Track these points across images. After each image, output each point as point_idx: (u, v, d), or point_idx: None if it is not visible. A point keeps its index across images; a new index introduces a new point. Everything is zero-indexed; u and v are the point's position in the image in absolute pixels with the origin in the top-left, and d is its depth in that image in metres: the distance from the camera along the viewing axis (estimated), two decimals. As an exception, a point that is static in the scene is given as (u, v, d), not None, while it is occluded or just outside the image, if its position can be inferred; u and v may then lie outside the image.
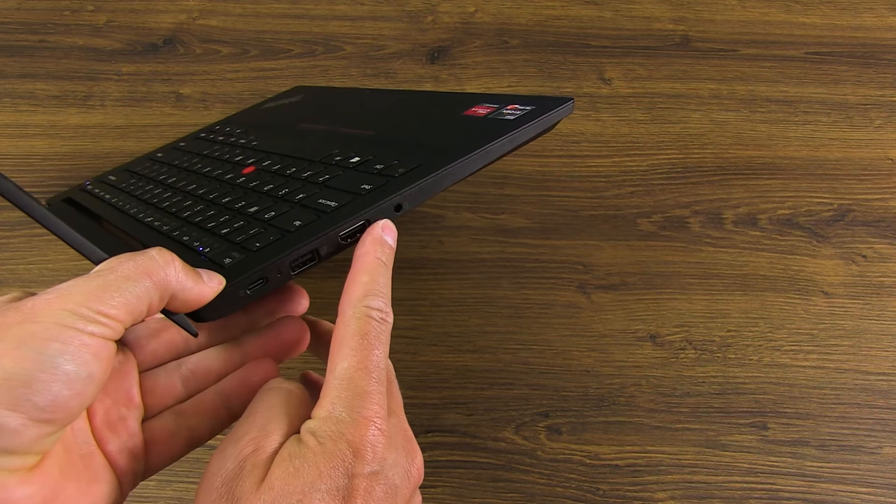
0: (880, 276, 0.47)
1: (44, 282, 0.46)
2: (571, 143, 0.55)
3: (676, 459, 0.38)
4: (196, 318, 0.25)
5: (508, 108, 0.33)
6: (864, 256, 0.48)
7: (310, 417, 0.23)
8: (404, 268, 0.47)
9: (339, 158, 0.33)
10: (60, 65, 0.60)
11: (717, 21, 0.65)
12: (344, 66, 0.60)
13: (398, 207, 0.28)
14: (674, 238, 0.48)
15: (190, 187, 0.37)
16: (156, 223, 0.34)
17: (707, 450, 0.39)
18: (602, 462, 0.38)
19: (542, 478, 0.39)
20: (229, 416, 0.27)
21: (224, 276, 0.25)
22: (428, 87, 0.58)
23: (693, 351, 0.43)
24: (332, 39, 0.63)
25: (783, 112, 0.57)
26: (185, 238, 0.30)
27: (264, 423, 0.23)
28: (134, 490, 0.37)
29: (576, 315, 0.44)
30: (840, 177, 0.52)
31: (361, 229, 0.27)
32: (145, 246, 0.28)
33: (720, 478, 0.38)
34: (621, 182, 0.52)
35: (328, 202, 0.28)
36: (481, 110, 0.34)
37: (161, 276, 0.22)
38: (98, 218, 0.39)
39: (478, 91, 0.58)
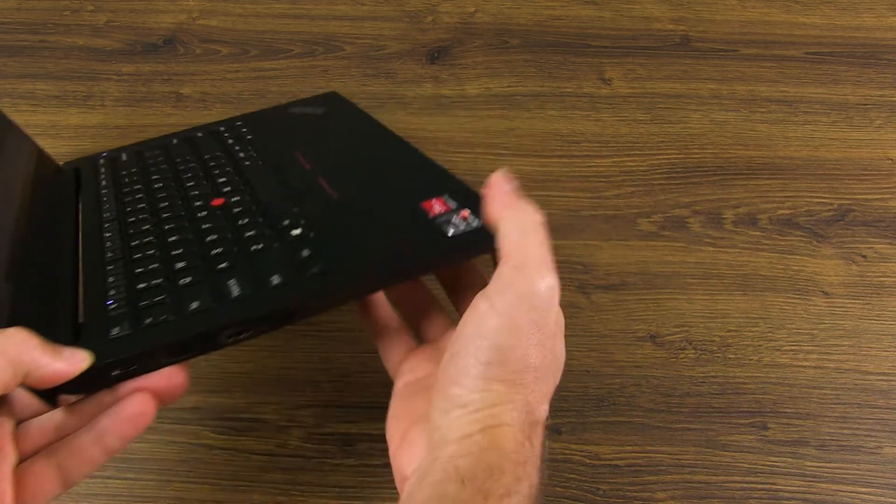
0: (880, 276, 0.46)
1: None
2: (571, 143, 0.55)
3: (676, 459, 0.38)
4: (56, 390, 0.25)
5: (462, 214, 0.32)
6: (864, 256, 0.48)
7: None
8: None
9: (286, 223, 0.34)
10: (60, 65, 0.60)
11: (717, 21, 0.65)
12: (344, 66, 0.60)
13: (288, 315, 0.29)
14: (674, 238, 0.48)
15: (161, 205, 0.37)
16: (107, 244, 0.35)
17: (707, 450, 0.39)
18: (602, 462, 0.38)
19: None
20: (103, 453, 0.27)
21: (98, 352, 0.26)
22: (428, 87, 0.58)
23: (693, 351, 0.43)
24: (332, 39, 0.63)
25: (783, 112, 0.57)
26: (110, 278, 0.31)
27: None
28: (134, 490, 0.37)
29: (576, 315, 0.44)
30: (840, 177, 0.52)
31: (246, 329, 0.28)
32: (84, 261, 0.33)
33: (720, 478, 0.38)
34: (621, 182, 0.52)
35: (234, 288, 0.29)
36: (437, 206, 0.33)
37: (14, 354, 0.24)
38: (77, 201, 0.40)
39: (479, 92, 0.58)
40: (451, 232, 0.31)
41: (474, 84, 0.59)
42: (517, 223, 0.28)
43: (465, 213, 0.32)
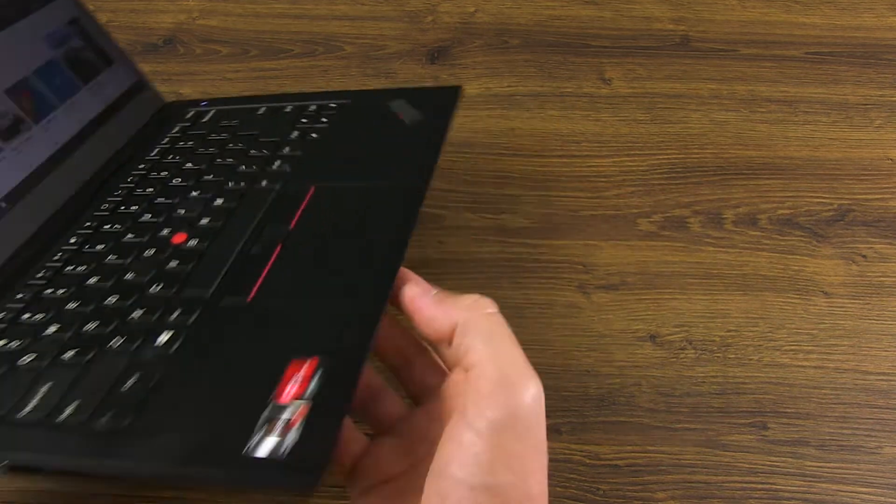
0: (880, 276, 0.46)
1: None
2: (571, 143, 0.55)
3: (676, 459, 0.38)
4: None
5: (295, 417, 0.21)
6: (864, 256, 0.48)
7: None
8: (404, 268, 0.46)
9: (174, 317, 0.27)
10: (60, 65, 0.60)
11: (717, 21, 0.65)
12: (344, 66, 0.60)
13: (43, 471, 0.24)
14: (674, 238, 0.48)
15: (143, 218, 0.34)
16: (55, 256, 0.31)
17: (707, 450, 0.39)
18: (602, 462, 0.38)
19: (542, 478, 0.39)
20: None
21: None
22: (428, 86, 0.58)
23: (693, 351, 0.43)
24: (332, 39, 0.63)
25: (783, 112, 0.57)
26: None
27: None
28: (134, 490, 0.37)
29: (576, 315, 0.44)
30: (840, 177, 0.52)
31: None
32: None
33: (720, 478, 0.38)
34: (621, 182, 0.52)
35: (32, 401, 0.23)
36: (296, 383, 0.22)
37: None
38: (120, 168, 0.39)
39: (478, 92, 0.58)
40: (257, 449, 0.20)
41: (474, 84, 0.59)
42: (479, 328, 0.23)
43: (299, 417, 0.21)
